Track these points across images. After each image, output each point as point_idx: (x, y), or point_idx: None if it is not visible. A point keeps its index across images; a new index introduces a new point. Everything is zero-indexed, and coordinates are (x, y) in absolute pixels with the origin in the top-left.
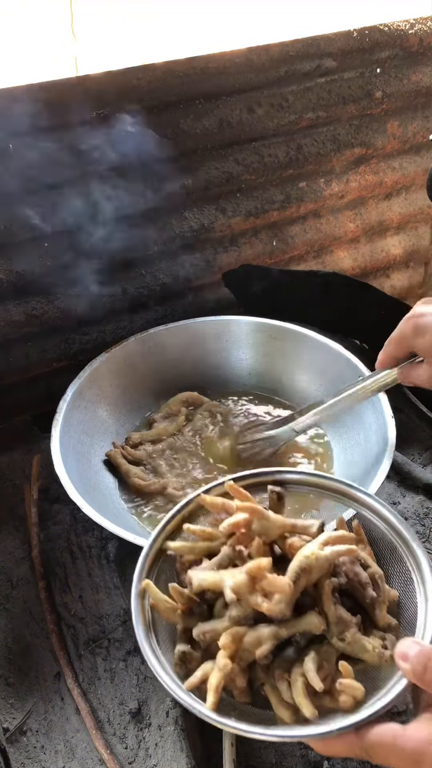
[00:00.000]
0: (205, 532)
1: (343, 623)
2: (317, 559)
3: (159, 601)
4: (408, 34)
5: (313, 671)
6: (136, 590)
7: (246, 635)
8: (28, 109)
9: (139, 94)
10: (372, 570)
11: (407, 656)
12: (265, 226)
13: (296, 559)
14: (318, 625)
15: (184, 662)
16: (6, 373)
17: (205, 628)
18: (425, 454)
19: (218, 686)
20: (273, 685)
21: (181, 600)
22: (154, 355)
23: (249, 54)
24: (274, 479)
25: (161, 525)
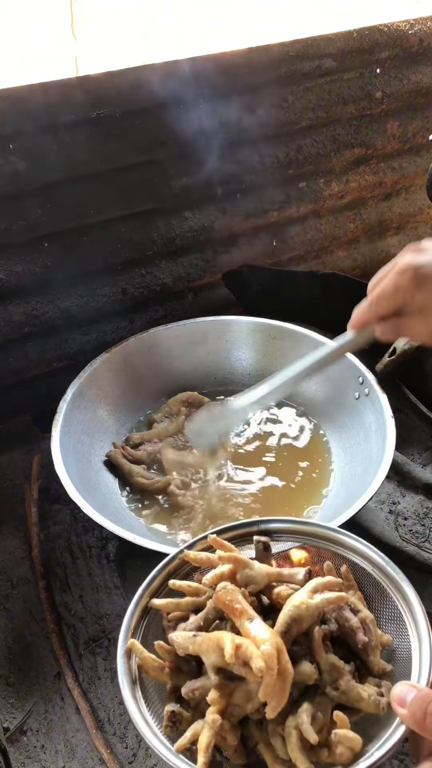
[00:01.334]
0: (190, 587)
1: (336, 671)
2: (307, 608)
3: (146, 660)
4: (408, 34)
5: (307, 723)
6: (122, 650)
7: (236, 690)
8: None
9: (139, 94)
10: (362, 614)
11: (404, 701)
12: (265, 226)
13: (286, 608)
14: (310, 674)
15: (174, 723)
16: (6, 373)
17: (194, 685)
18: (425, 454)
19: (209, 745)
20: (267, 741)
21: (168, 658)
22: (154, 355)
23: (249, 54)
24: (259, 529)
25: (146, 582)
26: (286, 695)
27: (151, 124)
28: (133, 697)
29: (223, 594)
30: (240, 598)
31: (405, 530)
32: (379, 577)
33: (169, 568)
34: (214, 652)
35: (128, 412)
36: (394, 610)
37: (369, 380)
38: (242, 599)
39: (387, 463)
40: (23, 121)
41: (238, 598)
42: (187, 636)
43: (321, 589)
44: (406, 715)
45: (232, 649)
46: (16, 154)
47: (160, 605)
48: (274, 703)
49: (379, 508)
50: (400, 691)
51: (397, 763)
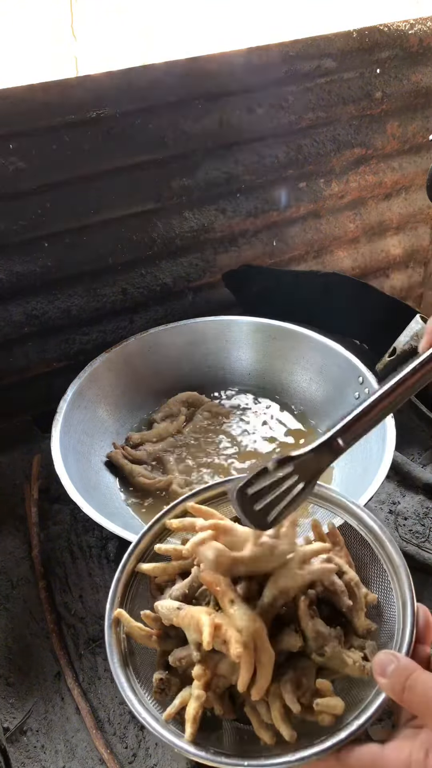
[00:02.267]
0: (177, 551)
1: (321, 638)
2: (295, 580)
3: (133, 629)
4: (408, 34)
5: (290, 693)
6: (109, 620)
7: (220, 662)
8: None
9: (139, 94)
10: (348, 576)
11: (385, 672)
12: (265, 226)
13: (273, 581)
14: (295, 644)
15: (162, 690)
16: (6, 373)
17: (181, 654)
18: (425, 454)
19: (195, 717)
20: (253, 705)
21: (155, 626)
22: (154, 355)
23: (249, 54)
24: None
25: (131, 548)
26: (268, 678)
27: (151, 124)
28: (122, 667)
29: (206, 575)
30: (221, 578)
31: (405, 530)
32: (367, 537)
33: (154, 531)
34: (195, 631)
35: (128, 412)
36: (380, 569)
37: (369, 380)
38: (223, 579)
39: (387, 463)
40: (23, 121)
41: (220, 579)
42: (171, 607)
43: (310, 557)
44: (387, 685)
45: (209, 635)
46: (16, 154)
47: (147, 570)
48: (257, 686)
49: (379, 508)
50: (381, 661)
51: None
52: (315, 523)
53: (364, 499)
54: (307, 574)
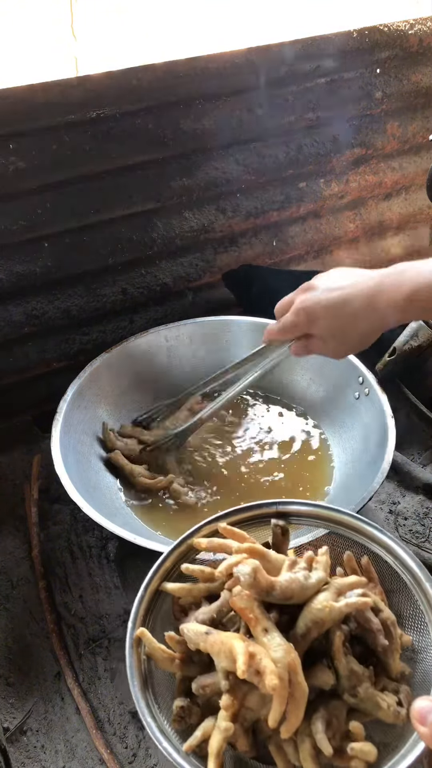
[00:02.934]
0: (204, 573)
1: (355, 677)
2: (330, 611)
3: (155, 651)
4: (408, 34)
5: (321, 733)
6: (131, 639)
7: (249, 693)
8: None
9: (139, 94)
10: (384, 615)
11: (425, 720)
12: (265, 226)
13: (308, 611)
14: (327, 680)
15: (182, 718)
16: (6, 373)
17: (205, 681)
18: (425, 454)
19: (219, 751)
20: (278, 744)
21: (178, 649)
22: (154, 355)
23: (249, 54)
24: (276, 511)
25: (157, 564)
26: (300, 716)
27: (151, 124)
28: (142, 691)
29: (238, 600)
30: (255, 605)
31: (405, 530)
32: (400, 571)
33: (180, 550)
34: (226, 657)
35: (128, 412)
36: (416, 607)
37: (369, 380)
38: (257, 606)
39: (387, 463)
40: (23, 121)
41: (253, 606)
42: (199, 632)
43: (346, 590)
44: (427, 734)
45: (245, 663)
46: (16, 154)
47: (172, 589)
48: (288, 723)
49: (379, 508)
50: (421, 708)
51: None
52: (349, 557)
53: (364, 499)
54: (344, 606)
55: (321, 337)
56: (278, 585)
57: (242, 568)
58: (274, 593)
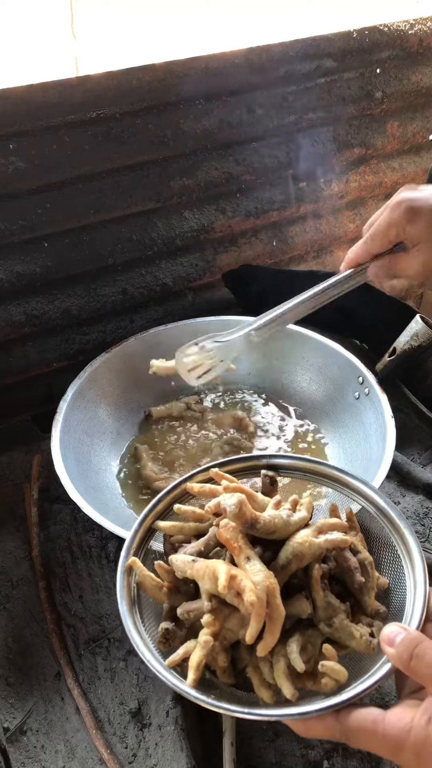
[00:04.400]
0: (195, 513)
1: (331, 609)
2: (310, 546)
3: (145, 578)
4: (408, 34)
5: (295, 652)
6: (123, 567)
7: (230, 615)
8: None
9: (139, 94)
10: (362, 556)
11: (393, 642)
12: (265, 226)
13: (289, 544)
14: (305, 609)
15: (167, 639)
16: (6, 373)
17: (190, 606)
18: (425, 454)
19: (199, 664)
20: (255, 665)
21: (167, 578)
22: (154, 355)
23: (249, 54)
24: (267, 464)
25: (151, 504)
26: (276, 635)
27: (151, 124)
28: (129, 610)
29: (224, 531)
30: (240, 536)
31: None
32: (382, 522)
33: (173, 494)
34: (209, 580)
35: (128, 412)
36: (394, 554)
37: (369, 380)
38: (241, 537)
39: (387, 463)
40: (23, 121)
41: (238, 536)
42: (187, 560)
43: (326, 529)
44: (394, 655)
45: (226, 580)
46: (16, 154)
47: (164, 527)
48: (264, 642)
49: None
50: (390, 632)
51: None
52: (333, 507)
53: None
54: (323, 542)
55: (421, 242)
56: (262, 519)
57: (229, 499)
58: (257, 526)
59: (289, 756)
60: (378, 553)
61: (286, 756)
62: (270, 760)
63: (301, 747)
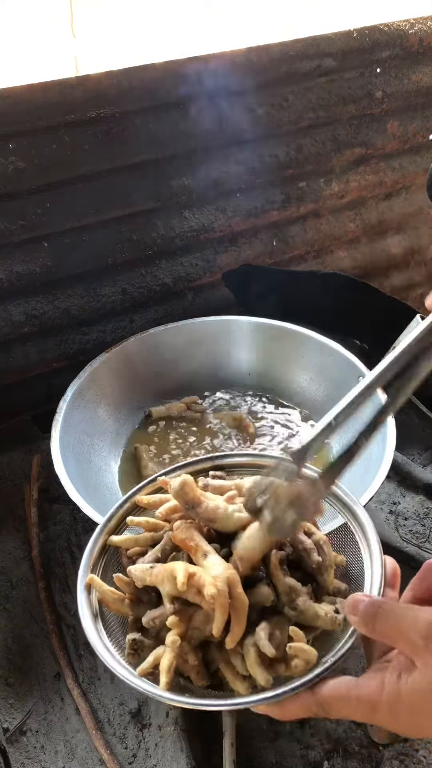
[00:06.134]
0: (149, 523)
1: (293, 592)
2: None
3: (105, 593)
4: (408, 34)
5: (264, 639)
6: (82, 585)
7: (194, 614)
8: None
9: (139, 94)
10: (316, 537)
11: (357, 609)
12: (265, 226)
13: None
14: (267, 596)
15: (136, 650)
16: (6, 373)
17: (154, 614)
18: (425, 454)
19: (170, 666)
20: (227, 660)
21: (127, 590)
22: (154, 355)
23: (249, 54)
24: (214, 465)
25: (104, 520)
26: (243, 625)
27: (151, 124)
28: (94, 627)
29: (179, 532)
30: (195, 534)
31: (405, 530)
32: (333, 504)
33: (126, 508)
34: (168, 582)
35: (128, 412)
36: (348, 532)
37: None
38: (197, 535)
39: (387, 463)
40: (23, 121)
41: (193, 535)
42: (144, 568)
43: None
44: (358, 621)
45: (184, 577)
46: (16, 154)
47: (118, 542)
48: (232, 633)
49: (379, 508)
50: (353, 600)
51: (398, 763)
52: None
53: (364, 499)
54: None
55: None
56: (204, 504)
57: (173, 480)
58: (198, 509)
59: (289, 756)
60: (334, 534)
61: (286, 756)
62: (270, 760)
63: (301, 747)
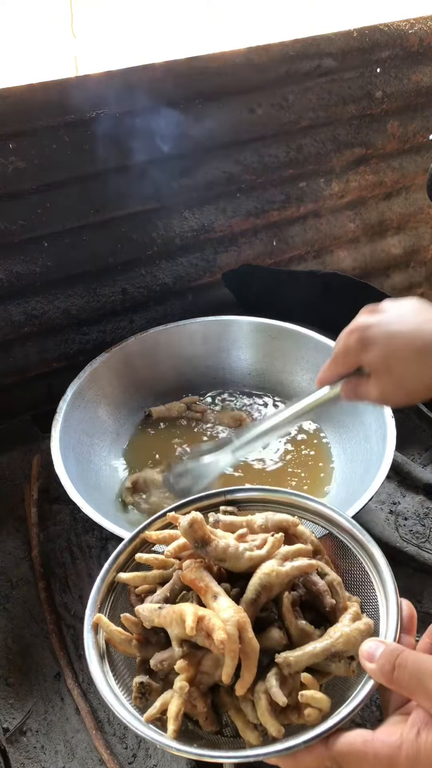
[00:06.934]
0: (157, 560)
1: (306, 637)
2: (277, 575)
3: (113, 634)
4: (408, 34)
5: (275, 686)
6: (89, 625)
7: (203, 658)
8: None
9: (138, 94)
10: (330, 578)
11: (373, 657)
12: (265, 226)
13: (256, 576)
14: (279, 640)
15: (143, 694)
16: (6, 373)
17: (162, 656)
18: (425, 454)
19: (178, 713)
20: (237, 707)
21: (135, 630)
22: (154, 355)
23: (249, 54)
24: (225, 499)
25: (112, 557)
26: (253, 671)
27: (152, 124)
28: (101, 670)
29: (188, 572)
30: (204, 574)
31: (405, 530)
32: (347, 542)
33: (134, 544)
34: (177, 625)
35: (128, 412)
36: (363, 572)
37: None
38: (206, 575)
39: (387, 463)
40: (23, 121)
41: (203, 575)
42: (153, 608)
43: (291, 556)
44: (375, 670)
45: (193, 621)
46: (16, 154)
47: (126, 579)
48: (242, 680)
49: (379, 508)
50: (368, 647)
51: None
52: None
53: (364, 499)
54: (290, 569)
55: (374, 371)
56: (214, 542)
57: (182, 518)
58: (207, 548)
59: None
60: (348, 573)
61: None
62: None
63: None
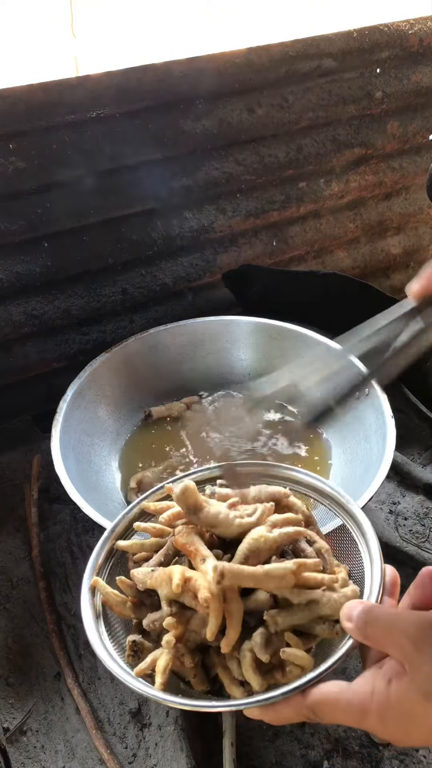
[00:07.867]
0: (155, 529)
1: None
2: (266, 541)
3: (109, 595)
4: (408, 34)
5: (259, 644)
6: (86, 587)
7: (192, 618)
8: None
9: (139, 94)
10: (318, 545)
11: (351, 616)
12: (265, 226)
13: (245, 542)
14: (265, 601)
15: (135, 652)
16: (6, 373)
17: (155, 616)
18: (425, 454)
19: (166, 667)
20: (224, 665)
21: (130, 593)
22: (154, 355)
23: (249, 54)
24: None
25: (112, 525)
26: (238, 629)
27: (151, 124)
28: (95, 629)
29: (180, 537)
30: (195, 539)
31: (405, 530)
32: (336, 512)
33: (133, 513)
34: (166, 585)
35: (128, 412)
36: (351, 540)
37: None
38: (197, 540)
39: (387, 463)
40: (23, 121)
41: (194, 539)
42: (146, 571)
43: (280, 524)
44: (352, 628)
45: (180, 580)
46: (16, 154)
47: (125, 546)
48: (227, 637)
49: (379, 508)
50: (348, 607)
51: (398, 763)
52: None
53: (364, 499)
54: (278, 535)
55: None
56: (206, 509)
57: (175, 486)
58: (200, 515)
59: (289, 756)
60: (337, 542)
61: (286, 756)
62: (270, 760)
63: (301, 747)
